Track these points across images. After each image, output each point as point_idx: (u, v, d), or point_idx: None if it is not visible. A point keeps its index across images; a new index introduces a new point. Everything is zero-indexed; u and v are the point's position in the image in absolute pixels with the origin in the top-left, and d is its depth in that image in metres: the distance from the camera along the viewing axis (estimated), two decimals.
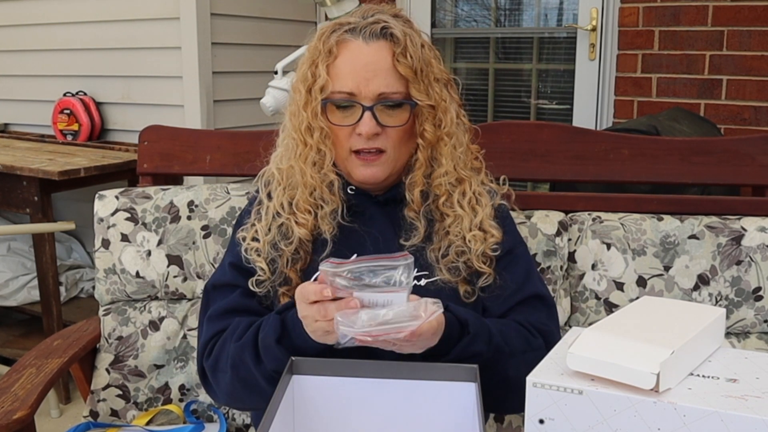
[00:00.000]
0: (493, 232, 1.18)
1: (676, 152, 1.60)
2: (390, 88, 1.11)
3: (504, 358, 1.08)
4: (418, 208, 1.17)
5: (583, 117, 3.05)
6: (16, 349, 2.78)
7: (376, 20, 1.13)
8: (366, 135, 1.11)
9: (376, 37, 1.12)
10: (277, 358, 1.05)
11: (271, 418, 0.87)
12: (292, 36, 3.04)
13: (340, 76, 1.12)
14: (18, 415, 1.20)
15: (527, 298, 1.19)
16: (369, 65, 1.11)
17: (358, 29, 1.13)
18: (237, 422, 1.54)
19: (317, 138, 1.14)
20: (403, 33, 1.12)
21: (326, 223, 1.16)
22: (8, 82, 3.21)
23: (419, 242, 1.17)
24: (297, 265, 1.17)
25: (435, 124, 1.15)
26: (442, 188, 1.17)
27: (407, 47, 1.11)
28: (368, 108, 1.11)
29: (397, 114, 1.13)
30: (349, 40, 1.13)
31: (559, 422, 0.75)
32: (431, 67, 1.15)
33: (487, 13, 3.37)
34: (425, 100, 1.13)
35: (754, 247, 1.46)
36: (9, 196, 2.51)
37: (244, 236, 1.21)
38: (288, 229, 1.17)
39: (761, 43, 2.68)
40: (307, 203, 1.17)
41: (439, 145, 1.17)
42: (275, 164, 1.22)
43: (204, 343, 1.18)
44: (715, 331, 0.85)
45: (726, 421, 0.69)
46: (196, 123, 2.68)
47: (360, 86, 1.11)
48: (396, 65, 1.11)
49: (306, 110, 1.14)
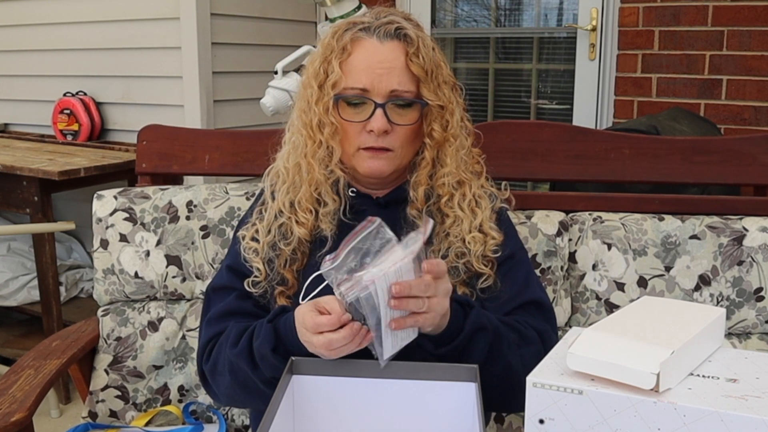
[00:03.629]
0: (493, 234, 1.18)
1: (678, 152, 1.60)
2: (402, 86, 1.12)
3: (504, 343, 1.08)
4: (422, 207, 1.18)
5: (583, 117, 3.05)
6: (16, 349, 2.78)
7: (390, 21, 1.15)
8: (377, 131, 1.12)
9: (390, 37, 1.13)
10: (274, 366, 1.05)
11: (271, 418, 0.87)
12: (292, 36, 3.04)
13: (354, 73, 1.13)
14: (16, 417, 1.19)
15: (525, 303, 1.19)
16: (383, 63, 1.12)
17: (372, 28, 1.14)
18: (236, 423, 1.53)
19: (327, 134, 1.15)
20: (416, 35, 1.14)
21: (327, 221, 1.17)
22: (8, 82, 3.21)
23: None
24: (294, 265, 1.17)
25: (442, 125, 1.16)
26: (445, 188, 1.18)
27: (420, 48, 1.13)
28: (380, 105, 1.12)
29: (407, 113, 1.14)
30: (364, 38, 1.14)
31: (559, 422, 0.75)
32: (441, 70, 1.16)
33: (487, 13, 3.37)
34: (435, 100, 1.14)
35: (755, 248, 1.46)
36: (9, 196, 2.51)
37: (244, 235, 1.21)
38: (288, 229, 1.18)
39: (761, 43, 2.67)
40: (310, 201, 1.17)
41: (445, 146, 1.18)
42: (282, 162, 1.22)
43: (202, 346, 1.19)
44: (715, 331, 0.84)
45: (726, 421, 0.69)
46: (196, 123, 2.68)
47: (374, 83, 1.12)
48: (409, 65, 1.12)
49: (318, 106, 1.15)
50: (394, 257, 0.92)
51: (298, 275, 1.17)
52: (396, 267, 0.91)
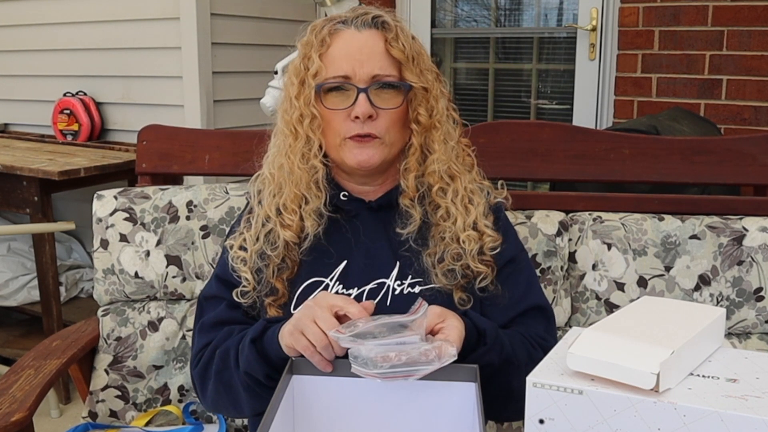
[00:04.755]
0: (488, 232, 1.17)
1: (677, 152, 1.60)
2: (384, 70, 1.12)
3: (511, 369, 1.07)
4: (413, 194, 1.16)
5: (583, 117, 3.05)
6: (16, 349, 2.78)
7: (366, 12, 1.16)
8: (362, 117, 1.10)
9: (368, 26, 1.14)
10: (247, 358, 1.06)
11: (271, 418, 0.87)
12: (292, 36, 3.00)
13: (334, 62, 1.12)
14: (16, 417, 1.19)
15: (528, 309, 1.18)
16: (363, 49, 1.12)
17: (349, 20, 1.15)
18: (236, 423, 1.53)
19: (306, 126, 1.13)
20: (394, 23, 1.15)
21: (311, 219, 1.14)
22: (8, 82, 3.21)
23: (415, 232, 1.15)
24: (284, 274, 1.15)
25: (428, 109, 1.15)
26: (435, 176, 1.16)
27: (398, 35, 1.13)
28: (363, 90, 1.11)
29: (391, 96, 1.13)
30: (342, 29, 1.14)
31: (559, 422, 0.75)
32: (422, 57, 1.16)
33: (487, 13, 3.37)
34: (419, 83, 1.14)
35: (755, 247, 1.46)
36: (9, 196, 2.51)
37: (232, 244, 1.20)
38: (275, 234, 1.16)
39: (761, 43, 2.67)
40: (295, 202, 1.15)
41: (432, 132, 1.17)
42: (267, 168, 1.21)
43: (195, 353, 1.19)
44: (715, 331, 0.84)
45: (726, 421, 0.69)
46: (196, 123, 2.68)
47: (355, 68, 1.11)
48: (389, 49, 1.12)
49: (299, 100, 1.14)
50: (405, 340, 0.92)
51: (289, 284, 1.15)
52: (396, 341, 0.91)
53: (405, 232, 1.15)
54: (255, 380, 1.07)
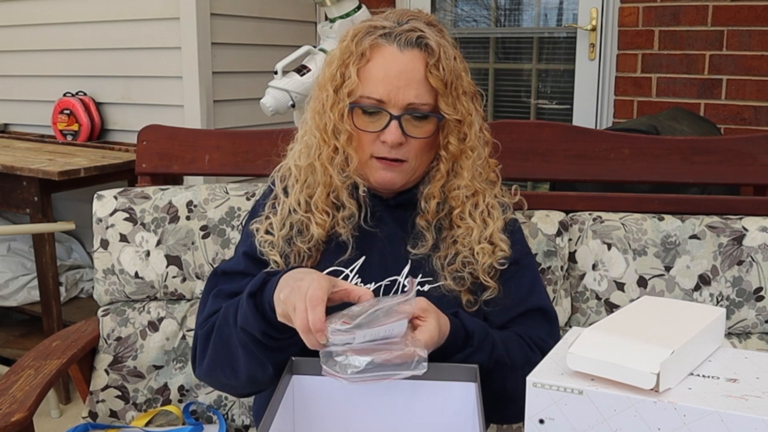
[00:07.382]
0: (503, 246, 1.17)
1: (677, 151, 1.60)
2: (420, 99, 1.10)
3: (504, 370, 1.07)
4: (432, 219, 1.17)
5: (583, 117, 3.05)
6: (16, 349, 2.78)
7: (412, 28, 1.11)
8: (391, 144, 1.10)
9: (411, 46, 1.10)
10: (245, 314, 1.03)
11: (271, 418, 0.87)
12: (292, 36, 3.04)
13: (371, 82, 1.10)
14: (16, 417, 1.19)
15: (530, 310, 1.18)
16: (402, 74, 1.09)
17: (393, 35, 1.11)
18: (236, 423, 1.53)
19: (344, 141, 1.13)
20: (438, 44, 1.11)
21: (343, 226, 1.15)
22: (8, 82, 3.21)
23: (426, 252, 1.16)
24: (308, 262, 1.16)
25: (459, 137, 1.15)
26: (458, 200, 1.17)
27: (441, 59, 1.10)
28: (396, 117, 1.10)
29: (423, 125, 1.12)
30: (383, 45, 1.11)
31: (559, 422, 0.75)
32: (461, 80, 1.14)
33: (487, 13, 3.37)
34: (453, 114, 1.12)
35: (755, 247, 1.46)
36: (9, 196, 2.51)
37: (257, 228, 1.20)
38: (304, 226, 1.17)
39: (761, 43, 2.67)
40: (326, 204, 1.16)
41: (461, 158, 1.16)
42: (293, 160, 1.21)
43: (207, 315, 1.15)
44: (715, 330, 0.84)
45: (726, 421, 0.69)
46: (195, 123, 2.68)
47: (390, 94, 1.09)
48: (428, 76, 1.10)
49: (333, 111, 1.13)
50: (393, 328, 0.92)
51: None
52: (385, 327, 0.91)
53: (414, 252, 1.16)
54: (251, 337, 1.04)
